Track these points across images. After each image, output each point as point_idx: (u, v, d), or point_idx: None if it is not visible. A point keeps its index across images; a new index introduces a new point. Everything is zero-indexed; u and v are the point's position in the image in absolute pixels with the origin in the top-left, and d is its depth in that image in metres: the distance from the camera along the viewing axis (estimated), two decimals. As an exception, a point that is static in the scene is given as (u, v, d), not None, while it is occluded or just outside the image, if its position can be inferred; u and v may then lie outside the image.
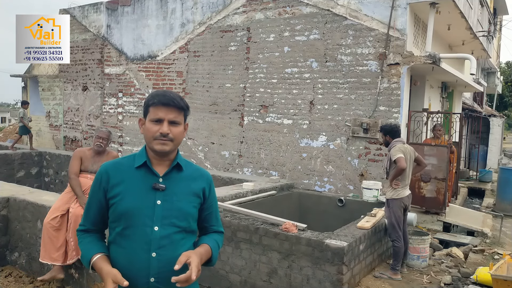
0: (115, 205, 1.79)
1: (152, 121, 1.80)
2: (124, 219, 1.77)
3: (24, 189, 6.03)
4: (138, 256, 1.74)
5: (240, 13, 9.18)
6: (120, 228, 1.78)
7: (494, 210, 9.00)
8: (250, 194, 6.66)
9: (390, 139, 5.29)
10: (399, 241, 5.13)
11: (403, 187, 5.21)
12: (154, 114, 1.80)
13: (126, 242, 1.77)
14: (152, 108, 1.81)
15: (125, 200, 1.78)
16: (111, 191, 1.80)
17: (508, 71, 36.64)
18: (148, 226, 1.75)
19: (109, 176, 1.82)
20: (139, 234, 1.75)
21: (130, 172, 1.83)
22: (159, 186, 1.79)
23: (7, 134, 17.03)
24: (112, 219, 1.83)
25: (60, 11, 13.15)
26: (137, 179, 1.81)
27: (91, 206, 1.88)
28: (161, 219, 1.77)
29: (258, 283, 4.82)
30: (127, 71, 11.38)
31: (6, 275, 5.10)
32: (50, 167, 11.38)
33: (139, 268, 1.73)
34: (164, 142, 1.79)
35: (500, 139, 18.14)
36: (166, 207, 1.78)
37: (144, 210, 1.76)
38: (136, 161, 1.85)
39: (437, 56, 7.28)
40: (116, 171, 1.83)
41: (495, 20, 15.35)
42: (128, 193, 1.79)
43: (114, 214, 1.80)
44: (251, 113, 9.07)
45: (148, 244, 1.74)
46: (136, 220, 1.76)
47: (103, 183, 1.82)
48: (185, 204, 1.84)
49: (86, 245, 1.85)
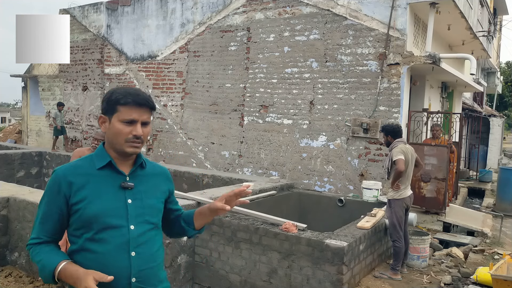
0: (81, 211, 1.67)
1: (124, 121, 1.70)
2: (95, 223, 1.67)
3: (24, 189, 6.03)
4: (116, 258, 1.68)
5: (240, 13, 9.18)
6: (90, 233, 1.68)
7: (494, 210, 9.00)
8: (250, 194, 6.65)
9: (392, 139, 5.28)
10: (399, 241, 5.12)
11: (405, 187, 5.20)
12: (127, 114, 1.70)
13: (100, 246, 1.68)
14: (123, 107, 1.70)
15: (94, 203, 1.68)
16: (75, 197, 1.68)
17: (508, 71, 36.63)
18: (124, 226, 1.70)
19: (69, 181, 1.69)
20: (116, 235, 1.69)
21: (92, 174, 1.72)
22: (128, 185, 1.74)
23: (7, 134, 17.02)
24: (77, 225, 1.70)
25: (60, 11, 13.15)
26: (102, 180, 1.73)
27: (48, 216, 1.72)
28: (135, 217, 1.73)
29: (258, 283, 4.82)
30: (127, 71, 11.38)
31: (6, 275, 5.09)
32: (50, 167, 11.38)
33: (119, 270, 1.67)
34: (136, 144, 1.73)
35: (500, 139, 18.14)
36: (137, 205, 1.75)
37: (116, 210, 1.70)
38: (97, 162, 1.75)
39: (437, 56, 7.28)
40: (76, 175, 1.71)
41: (495, 20, 15.35)
42: (95, 196, 1.69)
43: (80, 220, 1.68)
44: (251, 113, 9.07)
45: (127, 244, 1.70)
46: (110, 221, 1.69)
47: (63, 189, 1.68)
48: (155, 200, 1.83)
49: (46, 255, 1.69)
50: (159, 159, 10.55)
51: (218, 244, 5.20)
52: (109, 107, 1.74)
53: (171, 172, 8.79)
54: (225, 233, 5.14)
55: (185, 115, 10.22)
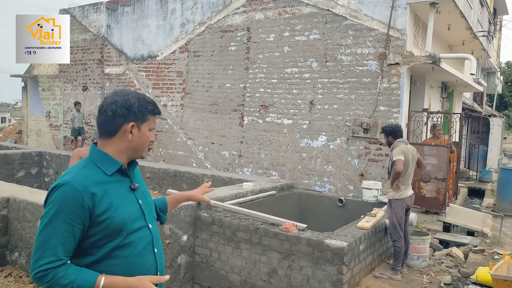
0: (108, 220, 1.63)
1: (150, 130, 1.81)
2: (125, 229, 1.67)
3: (24, 189, 6.03)
4: (145, 257, 1.75)
5: (240, 13, 9.18)
6: (118, 240, 1.66)
7: (494, 210, 9.00)
8: (250, 194, 6.65)
9: (393, 139, 5.27)
10: (400, 241, 5.12)
11: (406, 187, 5.20)
12: (153, 123, 1.82)
13: (129, 250, 1.69)
14: (152, 116, 1.80)
15: (120, 210, 1.67)
16: (99, 207, 1.62)
17: (508, 71, 36.62)
18: (146, 226, 1.79)
19: (91, 192, 1.61)
20: (143, 236, 1.76)
21: (107, 182, 1.70)
22: (136, 186, 1.80)
23: (7, 134, 17.03)
24: (102, 236, 1.63)
25: (60, 11, 13.15)
26: (117, 185, 1.73)
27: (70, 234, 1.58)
28: (148, 216, 1.83)
29: (258, 283, 4.82)
30: (127, 71, 11.38)
31: (6, 275, 5.09)
32: (50, 167, 11.37)
33: (148, 268, 1.76)
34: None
35: (500, 139, 18.13)
36: (145, 204, 1.84)
37: (137, 213, 1.77)
38: (108, 168, 1.71)
39: (437, 56, 7.28)
40: (95, 184, 1.65)
41: (495, 20, 15.35)
42: (118, 202, 1.69)
43: (108, 229, 1.63)
44: (251, 113, 9.07)
45: (151, 242, 1.79)
46: (135, 225, 1.74)
47: (86, 202, 1.58)
48: (150, 195, 1.94)
49: (78, 275, 1.57)
50: (159, 159, 10.56)
51: (218, 244, 5.20)
52: (140, 116, 1.75)
53: (171, 172, 8.82)
54: (225, 233, 5.14)
55: (185, 115, 10.22)
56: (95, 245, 1.64)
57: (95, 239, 1.64)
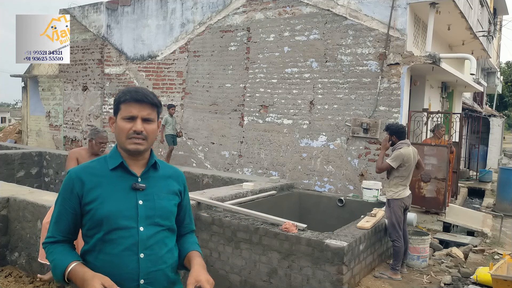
0: (93, 211, 1.69)
1: (124, 118, 1.72)
2: (106, 223, 1.68)
3: (24, 189, 6.02)
4: (126, 259, 1.69)
5: (240, 13, 9.18)
6: (101, 233, 1.69)
7: (494, 210, 9.00)
8: (250, 194, 6.65)
9: (397, 139, 5.27)
10: (399, 241, 5.13)
11: (404, 188, 5.22)
12: (126, 112, 1.72)
13: (110, 247, 1.69)
14: (123, 105, 1.73)
15: (105, 203, 1.69)
16: (87, 197, 1.70)
17: (508, 71, 36.64)
18: (133, 228, 1.70)
19: (83, 181, 1.71)
20: (125, 236, 1.69)
21: (105, 175, 1.74)
22: (139, 186, 1.74)
23: (7, 134, 17.02)
24: (90, 226, 1.72)
25: (60, 11, 13.15)
26: (114, 181, 1.74)
27: (62, 216, 1.74)
28: (145, 219, 1.73)
29: (258, 283, 4.82)
30: (127, 71, 11.38)
31: (6, 275, 5.09)
32: (50, 167, 11.37)
33: (128, 271, 1.68)
34: (138, 141, 1.72)
35: (500, 139, 18.12)
36: (148, 206, 1.75)
37: (126, 211, 1.71)
38: (110, 163, 1.76)
39: (437, 56, 7.28)
40: (89, 175, 1.73)
41: (495, 20, 15.35)
42: (107, 196, 1.71)
43: (93, 220, 1.70)
44: (251, 113, 9.07)
45: (135, 245, 1.70)
46: (120, 222, 1.69)
47: (76, 189, 1.71)
48: (167, 202, 1.81)
49: (59, 255, 1.70)
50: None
51: (218, 244, 5.19)
52: (115, 108, 1.79)
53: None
54: (225, 233, 5.14)
55: (185, 115, 10.22)
56: (87, 234, 1.75)
57: (86, 228, 1.75)
